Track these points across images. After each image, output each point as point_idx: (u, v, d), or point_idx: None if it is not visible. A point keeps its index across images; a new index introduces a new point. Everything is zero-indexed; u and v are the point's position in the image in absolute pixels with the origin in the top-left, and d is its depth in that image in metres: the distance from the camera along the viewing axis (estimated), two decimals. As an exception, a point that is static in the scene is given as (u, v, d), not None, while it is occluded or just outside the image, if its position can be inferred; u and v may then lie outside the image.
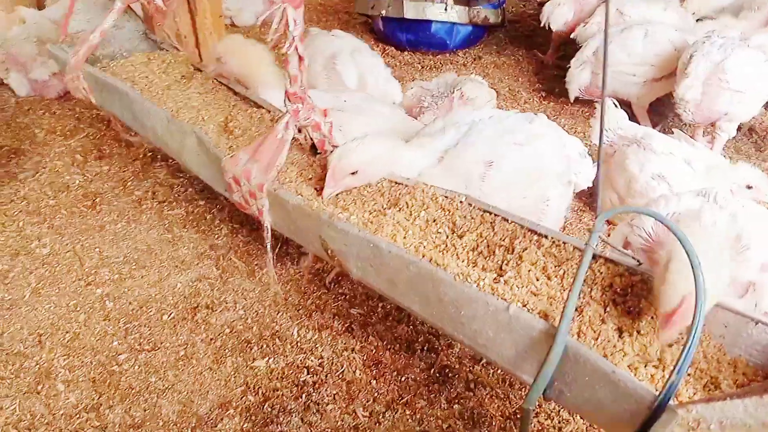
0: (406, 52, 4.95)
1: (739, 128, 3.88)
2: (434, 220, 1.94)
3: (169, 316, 2.38)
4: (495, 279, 1.66)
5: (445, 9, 4.58)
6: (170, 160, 3.33)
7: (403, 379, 2.16)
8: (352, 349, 2.26)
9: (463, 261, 1.78)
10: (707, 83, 3.13)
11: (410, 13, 4.59)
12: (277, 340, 2.31)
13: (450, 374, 2.18)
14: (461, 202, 1.99)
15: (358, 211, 1.95)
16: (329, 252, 1.97)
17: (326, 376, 2.16)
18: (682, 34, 3.53)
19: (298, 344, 2.29)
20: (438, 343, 2.31)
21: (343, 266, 1.96)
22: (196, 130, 2.31)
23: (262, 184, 2.05)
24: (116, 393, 2.08)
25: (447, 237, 1.88)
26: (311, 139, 2.18)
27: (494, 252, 1.81)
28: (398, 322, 2.39)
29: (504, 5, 4.90)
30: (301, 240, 2.09)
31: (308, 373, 2.17)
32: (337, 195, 2.04)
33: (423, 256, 1.74)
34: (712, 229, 1.82)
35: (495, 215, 1.94)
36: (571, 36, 4.10)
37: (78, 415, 1.99)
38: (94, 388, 2.09)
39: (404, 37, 4.84)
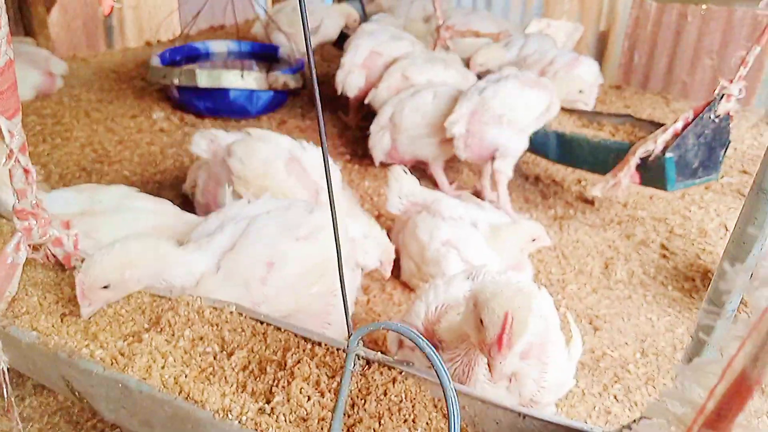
0: (207, 119, 4.75)
1: (527, 178, 4.19)
2: (201, 338, 1.75)
3: None
4: (260, 409, 1.51)
5: (242, 76, 4.46)
6: None
7: None
8: (130, 490, 1.97)
9: (231, 386, 1.60)
10: (472, 119, 3.38)
11: (204, 81, 4.41)
12: (36, 492, 1.95)
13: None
14: (231, 312, 1.83)
15: (110, 340, 1.71)
16: (76, 394, 1.70)
17: None
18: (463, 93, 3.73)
19: (63, 494, 1.95)
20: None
21: (95, 409, 1.69)
22: None
23: (-12, 321, 1.73)
24: None
25: (215, 357, 1.70)
26: (54, 256, 1.90)
27: (265, 370, 1.66)
28: (187, 443, 2.14)
29: (303, 69, 4.89)
30: (44, 381, 1.79)
31: None
32: (90, 319, 1.78)
33: (180, 392, 1.54)
34: None
35: (267, 325, 1.80)
36: (365, 102, 4.16)
37: None
38: None
39: (202, 105, 4.64)
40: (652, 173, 3.24)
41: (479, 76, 4.34)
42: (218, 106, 4.61)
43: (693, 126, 3.12)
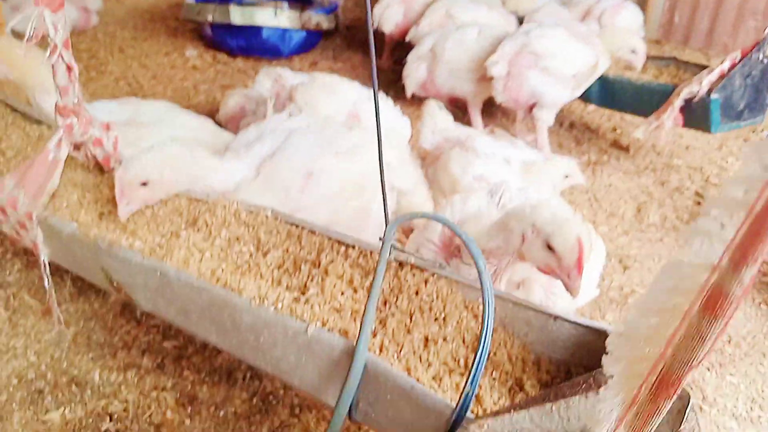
0: (239, 59, 4.74)
1: (561, 124, 4.12)
2: (237, 238, 1.77)
3: (-62, 374, 2.02)
4: (295, 299, 1.54)
5: (275, 14, 4.43)
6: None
7: (221, 413, 1.97)
8: (163, 388, 2.03)
9: (266, 281, 1.64)
10: (513, 61, 3.30)
11: (237, 18, 4.39)
12: (74, 386, 2.02)
13: (273, 401, 2.02)
14: (266, 216, 1.85)
15: (148, 236, 1.74)
16: (114, 284, 1.74)
17: (131, 421, 1.91)
18: (509, 35, 3.66)
19: (100, 389, 2.02)
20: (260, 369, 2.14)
21: (132, 299, 1.74)
22: (-46, 153, 1.98)
23: (31, 213, 1.77)
24: None
25: (250, 256, 1.73)
26: (93, 156, 1.93)
27: (300, 268, 1.68)
28: (218, 351, 2.19)
29: (337, 11, 4.84)
30: (83, 273, 1.84)
31: (111, 420, 1.91)
32: (127, 218, 1.82)
33: (217, 281, 1.57)
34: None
35: (302, 228, 1.82)
36: (406, 39, 4.12)
37: None
38: None
39: (235, 44, 4.62)
40: (696, 115, 3.15)
41: (521, 21, 4.27)
42: (251, 45, 4.60)
43: (740, 66, 3.02)
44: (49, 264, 1.91)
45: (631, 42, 3.58)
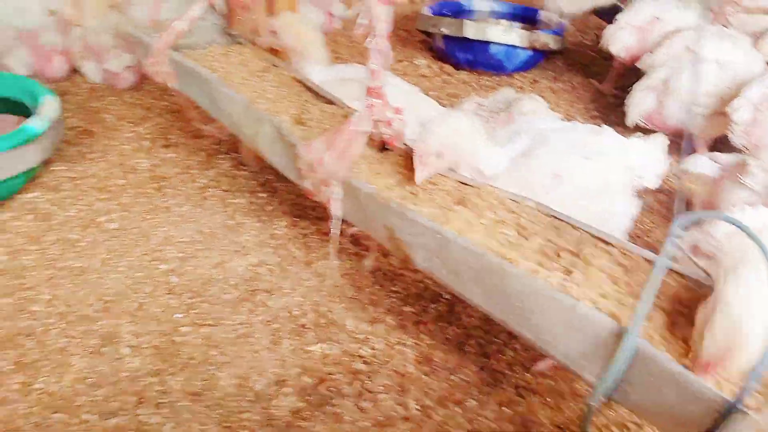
0: (463, 72, 5.03)
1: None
2: (501, 221, 1.97)
3: (229, 296, 2.46)
4: (563, 278, 1.69)
5: (506, 31, 4.65)
6: (233, 153, 3.44)
7: (454, 378, 2.18)
8: (405, 344, 2.30)
9: (529, 261, 1.81)
10: (760, 108, 3.14)
11: (470, 33, 4.67)
12: (332, 327, 2.36)
13: (501, 378, 2.20)
14: (529, 206, 2.03)
15: (427, 206, 2.00)
16: (395, 242, 2.02)
17: (379, 367, 2.20)
18: (753, 75, 3.53)
19: (353, 334, 2.33)
20: (489, 347, 2.33)
21: (408, 256, 2.00)
22: (272, 118, 2.40)
23: (336, 173, 2.12)
24: (177, 362, 2.15)
25: (513, 238, 1.91)
26: (381, 134, 2.24)
27: (560, 255, 1.83)
28: (449, 323, 2.42)
29: (564, 33, 4.95)
30: (368, 228, 2.14)
31: (362, 362, 2.21)
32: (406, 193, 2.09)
33: (490, 250, 1.77)
34: None
35: (562, 221, 1.97)
36: (636, 64, 4.10)
37: (142, 378, 2.07)
38: (157, 355, 2.17)
39: (463, 57, 4.92)
40: None
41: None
42: (477, 59, 4.86)
43: None
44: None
45: None
